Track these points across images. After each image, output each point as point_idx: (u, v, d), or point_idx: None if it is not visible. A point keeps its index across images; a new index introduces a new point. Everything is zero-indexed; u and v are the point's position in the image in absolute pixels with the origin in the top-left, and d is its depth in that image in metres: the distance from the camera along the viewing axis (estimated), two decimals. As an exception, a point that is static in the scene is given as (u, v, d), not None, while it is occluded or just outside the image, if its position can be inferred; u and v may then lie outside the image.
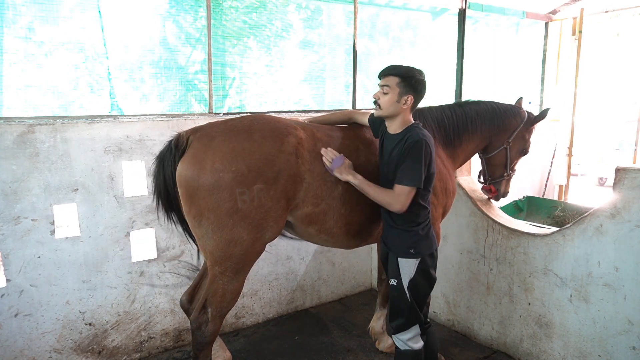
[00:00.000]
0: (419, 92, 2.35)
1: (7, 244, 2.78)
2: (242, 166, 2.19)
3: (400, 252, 2.41)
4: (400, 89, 2.30)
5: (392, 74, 2.32)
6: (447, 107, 3.03)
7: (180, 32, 3.60)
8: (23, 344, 2.89)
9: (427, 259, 2.41)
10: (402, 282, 2.40)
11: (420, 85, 2.34)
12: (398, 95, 2.31)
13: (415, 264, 2.39)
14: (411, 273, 2.39)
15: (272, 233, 2.35)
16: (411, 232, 2.38)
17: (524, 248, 3.15)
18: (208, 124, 2.39)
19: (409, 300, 2.40)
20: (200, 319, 2.33)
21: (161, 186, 2.40)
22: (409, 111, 2.38)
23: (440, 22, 5.27)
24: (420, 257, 2.39)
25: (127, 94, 3.45)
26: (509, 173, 3.25)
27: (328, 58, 4.42)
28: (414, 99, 2.33)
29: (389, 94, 2.32)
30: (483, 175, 3.36)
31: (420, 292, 2.43)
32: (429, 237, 2.43)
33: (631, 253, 2.59)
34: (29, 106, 3.09)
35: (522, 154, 3.24)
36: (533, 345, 3.15)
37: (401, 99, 2.31)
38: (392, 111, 2.35)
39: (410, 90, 2.31)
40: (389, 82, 2.32)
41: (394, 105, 2.33)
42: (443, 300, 3.80)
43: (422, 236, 2.39)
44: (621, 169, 2.61)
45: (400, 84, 2.30)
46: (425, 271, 2.41)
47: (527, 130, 3.18)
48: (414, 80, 2.31)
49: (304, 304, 4.11)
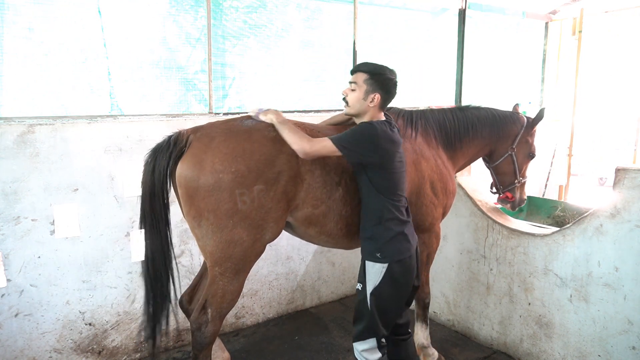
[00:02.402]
0: (387, 90, 2.27)
1: (7, 244, 2.78)
2: (242, 167, 2.19)
3: (367, 255, 2.30)
4: (367, 87, 2.24)
5: (361, 71, 2.27)
6: (448, 110, 3.06)
7: (180, 32, 3.60)
8: (23, 344, 2.89)
9: (396, 267, 2.25)
10: (366, 288, 2.27)
11: (389, 84, 2.27)
12: (365, 92, 2.25)
13: (381, 270, 2.24)
14: (376, 280, 2.25)
15: (272, 234, 2.35)
16: (376, 233, 2.27)
17: (524, 248, 3.15)
18: (208, 124, 2.38)
19: (369, 309, 2.26)
20: (200, 320, 2.33)
21: (148, 177, 2.29)
22: (377, 110, 2.30)
23: (440, 22, 5.27)
24: (387, 262, 2.24)
25: (127, 94, 3.44)
26: (519, 179, 3.23)
27: (328, 58, 4.42)
28: (381, 98, 2.26)
29: (356, 91, 2.26)
30: (495, 186, 3.34)
31: (385, 303, 2.27)
32: (399, 242, 2.28)
33: (631, 253, 2.59)
34: (29, 106, 3.09)
35: (530, 157, 3.24)
36: (533, 345, 3.15)
37: (367, 97, 2.25)
38: (358, 108, 2.29)
39: (378, 88, 2.24)
40: (357, 79, 2.26)
41: (359, 103, 2.27)
42: (443, 300, 3.80)
43: (388, 240, 2.25)
44: (621, 169, 2.61)
45: (368, 81, 2.24)
46: (394, 281, 2.25)
47: (529, 134, 3.19)
48: (383, 78, 2.25)
49: (304, 304, 4.11)
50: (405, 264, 2.30)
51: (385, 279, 2.25)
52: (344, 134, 2.24)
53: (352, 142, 2.19)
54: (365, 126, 2.24)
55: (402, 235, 2.30)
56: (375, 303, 2.25)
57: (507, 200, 3.31)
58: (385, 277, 2.24)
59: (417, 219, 2.84)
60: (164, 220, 2.36)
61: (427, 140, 2.90)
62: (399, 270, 2.27)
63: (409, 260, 2.32)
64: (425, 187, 2.79)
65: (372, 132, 2.20)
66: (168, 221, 2.39)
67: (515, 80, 6.18)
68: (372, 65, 2.28)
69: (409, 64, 5.07)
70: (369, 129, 2.22)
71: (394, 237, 2.27)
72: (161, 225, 2.35)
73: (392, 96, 2.32)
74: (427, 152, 2.85)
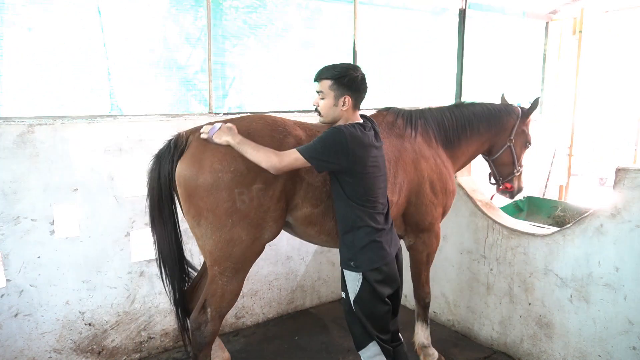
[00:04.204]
0: (355, 89, 2.19)
1: (7, 244, 2.77)
2: (241, 166, 2.19)
3: (343, 263, 2.26)
4: (335, 92, 2.16)
5: (323, 78, 2.18)
6: (445, 108, 3.08)
7: (180, 31, 3.60)
8: (23, 344, 2.89)
9: (372, 275, 2.19)
10: (350, 297, 2.22)
11: (356, 83, 2.18)
12: (334, 98, 2.17)
13: (358, 278, 2.19)
14: (356, 288, 2.20)
15: (271, 233, 2.35)
16: (348, 240, 2.22)
17: (524, 248, 3.15)
18: (207, 124, 2.39)
19: (357, 316, 2.22)
20: (199, 319, 2.33)
21: (154, 183, 2.35)
22: (351, 111, 2.22)
23: (440, 22, 5.27)
24: (361, 271, 2.19)
25: (127, 94, 3.45)
26: (518, 169, 3.28)
27: (328, 58, 4.42)
28: (352, 98, 2.18)
29: (325, 99, 2.19)
30: (494, 177, 3.38)
31: (371, 309, 2.22)
32: (372, 250, 2.20)
33: (631, 253, 2.58)
34: (29, 106, 3.09)
35: (526, 147, 3.31)
36: (533, 346, 3.14)
37: (338, 102, 2.17)
38: (332, 115, 2.22)
39: (346, 90, 2.16)
40: (322, 87, 2.18)
41: (332, 110, 2.20)
42: (443, 301, 3.79)
43: (361, 248, 2.19)
44: (621, 169, 2.60)
45: (333, 87, 2.16)
46: (374, 288, 2.19)
47: (524, 124, 3.25)
48: (347, 79, 2.15)
49: (304, 304, 4.11)
50: (382, 271, 2.22)
51: (364, 287, 2.20)
52: (312, 143, 2.14)
53: (320, 151, 2.09)
54: (333, 132, 2.11)
55: (375, 243, 2.21)
56: (361, 310, 2.21)
57: (507, 191, 3.37)
58: (364, 285, 2.20)
59: (416, 218, 2.84)
60: (172, 224, 2.44)
61: (427, 139, 2.90)
62: (376, 278, 2.20)
63: (386, 268, 2.24)
64: (425, 187, 2.79)
65: (339, 137, 2.09)
66: (177, 224, 2.47)
67: (515, 80, 6.17)
68: (332, 69, 2.18)
69: (409, 64, 5.06)
70: (336, 135, 2.10)
71: (366, 245, 2.19)
72: (170, 229, 2.43)
73: (362, 92, 2.24)
74: (426, 151, 2.85)
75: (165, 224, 2.41)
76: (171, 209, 2.41)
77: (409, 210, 2.81)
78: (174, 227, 2.45)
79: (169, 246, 2.44)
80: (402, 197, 2.71)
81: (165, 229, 2.42)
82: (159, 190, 2.35)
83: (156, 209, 2.39)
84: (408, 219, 2.85)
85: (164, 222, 2.41)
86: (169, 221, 2.42)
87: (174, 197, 2.39)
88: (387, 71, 4.89)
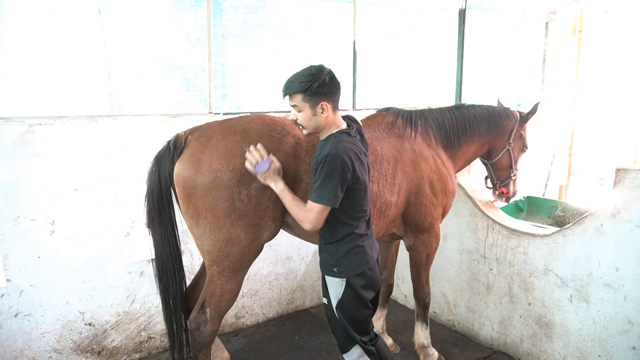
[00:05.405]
0: (328, 93, 2.09)
1: (7, 244, 2.78)
2: (239, 165, 2.19)
3: (325, 269, 2.23)
4: (309, 102, 2.07)
5: (292, 93, 2.10)
6: (446, 109, 3.09)
7: (181, 31, 3.60)
8: (23, 344, 2.89)
9: (355, 280, 2.17)
10: (332, 302, 2.20)
11: (326, 86, 2.08)
12: (310, 108, 2.09)
13: (341, 284, 2.17)
14: (338, 294, 2.18)
15: (270, 233, 2.35)
16: (331, 248, 2.19)
17: (524, 248, 3.15)
18: (206, 124, 2.39)
19: (340, 321, 2.20)
20: (199, 319, 2.33)
21: (155, 185, 2.35)
22: (332, 115, 2.13)
23: (440, 22, 5.27)
24: (344, 277, 2.16)
25: (127, 94, 3.45)
26: (514, 173, 3.32)
27: (328, 58, 4.42)
28: (329, 102, 2.10)
29: (303, 112, 2.11)
30: (491, 180, 3.42)
31: (353, 313, 2.21)
32: (356, 255, 2.17)
33: (631, 253, 2.58)
34: (29, 106, 3.09)
35: (523, 151, 3.35)
36: (533, 346, 3.14)
37: (317, 110, 2.09)
38: (314, 126, 2.14)
39: (320, 96, 2.07)
40: (296, 101, 2.10)
41: (312, 120, 2.11)
42: (443, 301, 3.79)
43: (344, 254, 2.16)
44: (621, 169, 2.60)
45: (306, 98, 2.07)
46: (357, 293, 2.17)
47: (522, 128, 3.28)
48: (317, 86, 2.05)
49: (304, 304, 4.11)
50: (366, 276, 2.20)
51: (347, 292, 2.17)
52: (319, 185, 2.05)
53: (336, 187, 2.02)
54: (331, 162, 2.02)
55: (359, 248, 2.19)
56: (343, 315, 2.19)
57: (503, 195, 3.41)
58: (347, 290, 2.17)
59: (416, 219, 2.84)
60: (172, 226, 2.44)
61: (427, 140, 2.90)
62: (359, 283, 2.18)
63: (369, 272, 2.22)
64: (425, 187, 2.79)
65: (341, 164, 2.02)
66: (175, 225, 2.46)
67: (515, 80, 6.18)
68: (297, 82, 2.08)
69: (409, 64, 5.07)
70: (337, 163, 2.02)
71: (350, 250, 2.17)
72: (170, 230, 2.43)
73: (337, 92, 2.15)
74: (426, 152, 2.85)
75: (165, 226, 2.42)
76: (171, 211, 2.41)
77: (408, 210, 2.81)
78: (173, 229, 2.45)
79: (169, 248, 2.44)
80: (402, 197, 2.71)
81: (165, 230, 2.42)
82: (160, 192, 2.35)
83: (156, 211, 2.38)
84: (407, 219, 2.85)
85: (164, 224, 2.41)
86: (168, 223, 2.42)
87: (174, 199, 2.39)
88: (387, 71, 4.89)
